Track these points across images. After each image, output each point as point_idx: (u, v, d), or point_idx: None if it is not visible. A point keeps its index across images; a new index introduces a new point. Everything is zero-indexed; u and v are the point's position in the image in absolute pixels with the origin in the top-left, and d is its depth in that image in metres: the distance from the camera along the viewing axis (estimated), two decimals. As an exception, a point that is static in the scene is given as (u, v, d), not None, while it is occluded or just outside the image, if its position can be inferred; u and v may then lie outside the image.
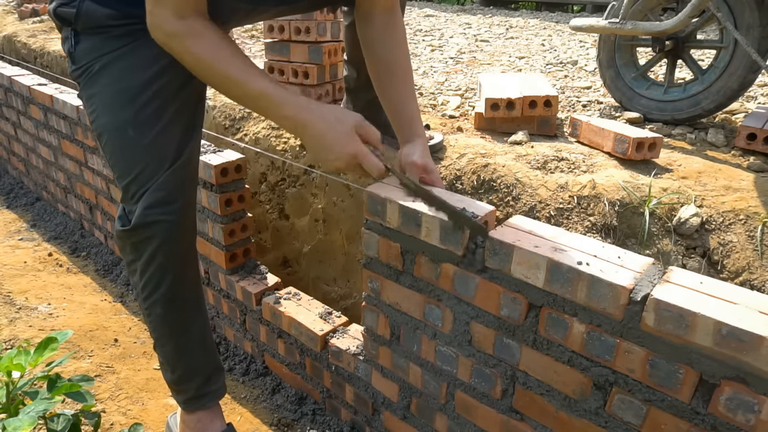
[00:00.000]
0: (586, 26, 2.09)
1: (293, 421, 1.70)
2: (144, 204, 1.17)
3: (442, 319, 1.23)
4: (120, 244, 1.26)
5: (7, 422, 1.14)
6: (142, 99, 1.14)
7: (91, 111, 1.17)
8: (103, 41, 1.11)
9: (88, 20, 1.09)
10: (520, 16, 6.14)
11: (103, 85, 1.14)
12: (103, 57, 1.12)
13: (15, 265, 2.47)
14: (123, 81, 1.13)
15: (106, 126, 1.17)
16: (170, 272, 1.26)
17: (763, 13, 1.72)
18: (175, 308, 1.31)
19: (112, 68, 1.13)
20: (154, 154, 1.17)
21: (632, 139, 1.59)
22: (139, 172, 1.17)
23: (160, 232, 1.20)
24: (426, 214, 1.16)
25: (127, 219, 1.21)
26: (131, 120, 1.15)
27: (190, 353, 1.39)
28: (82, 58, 1.13)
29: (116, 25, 1.09)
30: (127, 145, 1.16)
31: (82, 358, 1.89)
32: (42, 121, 2.64)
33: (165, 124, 1.17)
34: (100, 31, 1.10)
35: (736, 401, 0.83)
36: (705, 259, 1.39)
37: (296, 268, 2.29)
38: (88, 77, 1.14)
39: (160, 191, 1.17)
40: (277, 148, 2.11)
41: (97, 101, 1.15)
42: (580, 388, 1.03)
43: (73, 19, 1.09)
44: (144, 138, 1.16)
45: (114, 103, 1.14)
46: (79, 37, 1.12)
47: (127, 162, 1.18)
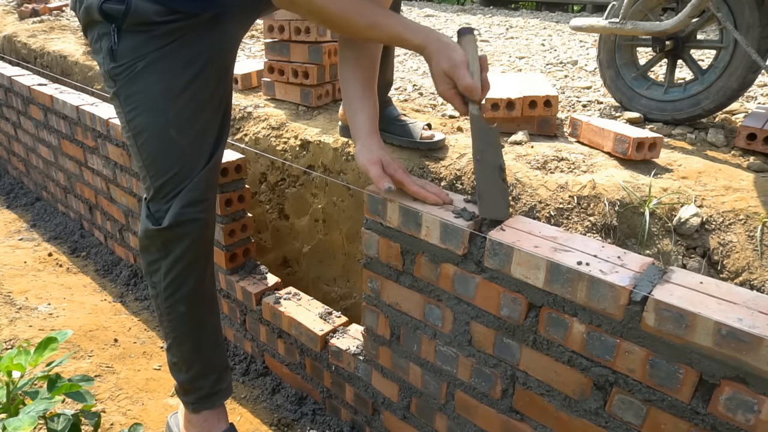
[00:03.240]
0: (586, 26, 2.09)
1: (293, 421, 1.70)
2: (180, 203, 1.19)
3: (442, 319, 1.24)
4: (146, 243, 1.26)
5: (8, 422, 1.14)
6: (183, 99, 1.16)
7: (130, 110, 1.16)
8: (147, 39, 1.11)
9: (136, 17, 1.08)
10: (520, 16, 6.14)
11: (146, 84, 1.13)
12: (147, 56, 1.11)
13: (15, 265, 2.47)
14: (165, 81, 1.14)
15: (147, 125, 1.16)
16: (196, 269, 1.29)
17: (763, 13, 1.72)
18: (197, 305, 1.34)
19: (156, 67, 1.12)
20: (192, 154, 1.20)
21: (632, 139, 1.59)
22: (176, 172, 1.19)
23: (193, 231, 1.23)
24: (426, 213, 1.15)
25: (155, 218, 1.22)
26: (173, 120, 1.16)
27: (207, 350, 1.41)
28: (125, 55, 1.11)
29: (161, 22, 1.09)
30: (168, 145, 1.17)
31: (82, 358, 1.89)
32: (42, 121, 2.64)
33: (203, 124, 1.21)
34: (144, 28, 1.09)
35: (736, 401, 0.83)
36: (705, 259, 1.38)
37: (296, 268, 2.29)
38: (129, 76, 1.13)
39: (195, 190, 1.20)
40: (277, 148, 2.11)
41: (138, 100, 1.15)
42: (580, 388, 1.03)
43: (121, 15, 1.07)
44: (184, 138, 1.18)
45: (156, 103, 1.14)
46: (122, 34, 1.10)
47: (165, 162, 1.18)
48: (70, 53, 3.38)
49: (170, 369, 1.44)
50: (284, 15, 2.12)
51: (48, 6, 4.43)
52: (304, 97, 2.21)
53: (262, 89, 2.44)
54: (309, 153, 2.03)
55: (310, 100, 2.19)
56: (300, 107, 2.25)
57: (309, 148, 2.03)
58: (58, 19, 4.26)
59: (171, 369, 1.43)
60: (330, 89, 2.24)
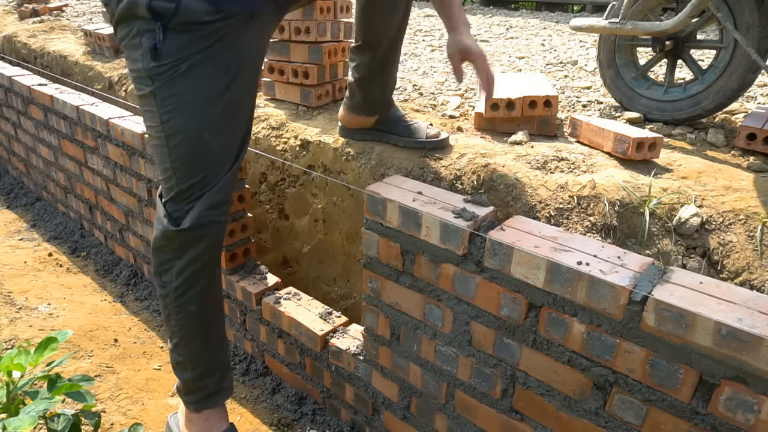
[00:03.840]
0: (586, 26, 2.09)
1: (293, 421, 1.70)
2: (203, 206, 1.20)
3: (442, 319, 1.24)
4: (162, 243, 1.26)
5: (8, 422, 1.14)
6: (220, 103, 1.16)
7: (167, 111, 1.15)
8: (192, 40, 1.10)
9: (185, 16, 1.06)
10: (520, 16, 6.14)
11: (187, 86, 1.12)
12: (190, 57, 1.10)
13: (15, 265, 2.47)
14: (205, 84, 1.14)
15: (183, 128, 1.16)
16: (209, 270, 1.30)
17: (762, 13, 1.72)
18: (206, 304, 1.35)
19: (198, 70, 1.12)
20: (221, 158, 1.21)
21: (632, 139, 1.59)
22: (204, 175, 1.19)
23: (212, 233, 1.24)
24: (426, 213, 1.16)
25: (173, 218, 1.22)
26: (208, 124, 1.16)
27: (213, 348, 1.42)
28: (169, 55, 1.10)
29: (208, 22, 1.08)
30: (200, 148, 1.18)
31: (82, 358, 1.89)
32: (42, 121, 2.64)
33: (233, 128, 1.23)
34: (190, 28, 1.08)
35: (736, 401, 0.83)
36: (705, 259, 1.38)
37: (296, 268, 2.29)
38: (171, 76, 1.12)
39: (219, 193, 1.22)
40: (277, 148, 2.11)
41: (177, 102, 1.14)
42: (580, 388, 1.03)
43: (170, 14, 1.06)
44: (216, 142, 1.19)
45: (195, 106, 1.14)
46: (168, 33, 1.08)
47: (195, 165, 1.19)
48: (70, 53, 3.38)
49: (174, 368, 1.44)
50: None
51: (48, 6, 4.43)
52: (304, 97, 2.21)
53: (262, 89, 2.44)
54: (309, 153, 2.03)
55: (310, 100, 2.19)
56: (300, 107, 2.25)
57: (309, 148, 2.03)
58: (58, 19, 4.26)
59: (175, 368, 1.43)
60: (330, 89, 2.24)
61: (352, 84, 1.76)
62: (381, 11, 1.56)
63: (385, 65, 1.69)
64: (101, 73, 3.07)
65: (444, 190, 1.28)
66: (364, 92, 1.74)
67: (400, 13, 1.58)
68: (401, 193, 1.24)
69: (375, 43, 1.63)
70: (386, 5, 1.55)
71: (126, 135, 2.05)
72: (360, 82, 1.73)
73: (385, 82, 1.74)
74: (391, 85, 1.77)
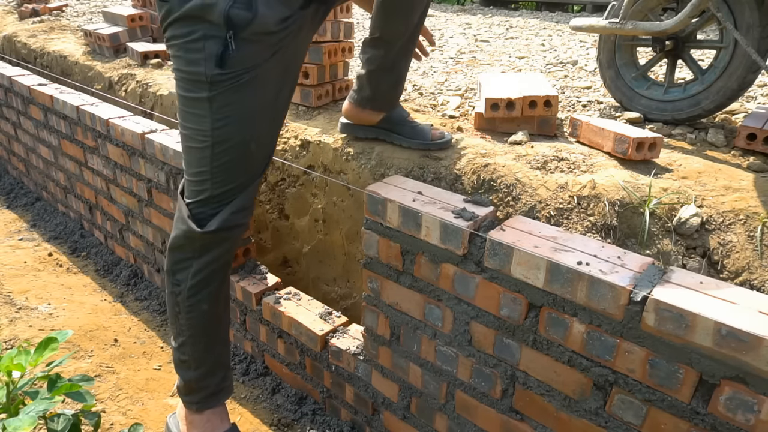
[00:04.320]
0: (586, 26, 2.09)
1: (293, 421, 1.70)
2: (231, 209, 1.22)
3: (442, 319, 1.24)
4: (182, 243, 1.27)
5: (8, 422, 1.14)
6: (268, 116, 1.20)
7: (220, 118, 1.15)
8: (258, 50, 1.10)
9: (261, 26, 1.07)
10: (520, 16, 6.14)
11: (246, 97, 1.14)
12: (254, 68, 1.12)
13: (15, 265, 2.47)
14: (261, 96, 1.16)
15: (233, 137, 1.17)
16: (224, 270, 1.33)
17: (763, 13, 1.72)
18: (217, 303, 1.37)
19: (259, 81, 1.14)
20: (258, 166, 1.26)
21: (632, 139, 1.59)
22: (240, 183, 1.22)
23: (235, 235, 1.28)
24: (426, 214, 1.16)
25: (196, 220, 1.24)
26: (256, 135, 1.20)
27: (218, 347, 1.43)
28: (236, 64, 1.09)
29: (275, 32, 1.09)
30: (245, 157, 1.20)
31: (82, 358, 1.89)
32: (42, 121, 2.64)
33: (273, 138, 1.28)
34: (260, 38, 1.09)
35: (736, 401, 0.83)
36: (705, 259, 1.38)
37: (296, 268, 2.29)
38: (232, 85, 1.11)
39: (247, 198, 1.25)
40: (277, 148, 2.11)
41: (233, 111, 1.14)
42: (580, 388, 1.03)
43: (246, 23, 1.05)
44: (259, 152, 1.23)
45: (249, 117, 1.16)
46: (239, 42, 1.07)
47: (235, 172, 1.21)
48: (70, 53, 3.38)
49: (177, 367, 1.43)
50: (284, 15, 2.12)
51: (48, 6, 4.43)
52: (304, 97, 2.21)
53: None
54: (309, 153, 2.03)
55: (310, 100, 2.19)
56: (300, 107, 2.25)
57: (309, 148, 2.03)
58: (58, 19, 4.26)
59: (178, 367, 1.43)
60: (330, 89, 2.24)
61: (362, 77, 1.71)
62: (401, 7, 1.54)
63: (398, 63, 1.67)
64: (101, 73, 3.07)
65: (444, 190, 1.28)
66: (373, 87, 1.70)
67: (419, 12, 1.57)
68: (401, 193, 1.24)
69: (392, 38, 1.60)
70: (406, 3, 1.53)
71: (126, 135, 2.05)
72: (370, 76, 1.68)
73: (397, 79, 1.72)
74: (401, 84, 1.75)
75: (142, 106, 2.70)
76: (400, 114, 1.79)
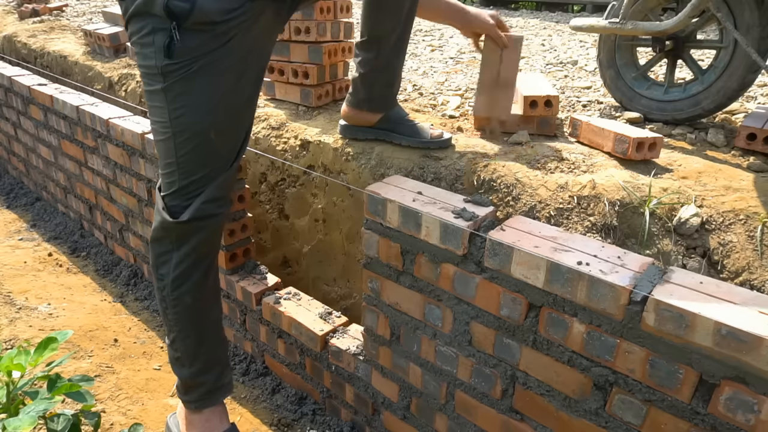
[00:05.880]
0: (586, 26, 2.09)
1: (293, 421, 1.70)
2: (203, 199, 1.23)
3: (442, 319, 1.24)
4: (161, 235, 1.29)
5: (7, 422, 1.14)
6: (228, 102, 1.20)
7: (176, 108, 1.17)
8: (205, 40, 1.12)
9: (201, 16, 1.08)
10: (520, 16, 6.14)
11: (198, 85, 1.15)
12: (204, 56, 1.13)
13: (15, 265, 2.47)
14: (216, 84, 1.16)
15: (191, 126, 1.18)
16: (204, 262, 1.33)
17: (763, 13, 1.72)
18: (202, 297, 1.36)
19: (210, 69, 1.14)
20: (223, 156, 1.25)
21: (632, 139, 1.59)
22: (207, 173, 1.23)
23: (211, 224, 1.28)
24: (426, 214, 1.16)
25: (171, 212, 1.25)
26: (216, 123, 1.19)
27: (210, 343, 1.43)
28: (183, 54, 1.12)
29: (219, 22, 1.10)
30: (206, 146, 1.21)
31: (82, 358, 1.89)
32: (42, 121, 2.64)
33: (238, 128, 1.26)
34: (205, 28, 1.10)
35: (736, 401, 0.83)
36: (705, 259, 1.38)
37: (296, 268, 2.29)
38: (182, 75, 1.13)
39: (218, 189, 1.25)
40: (277, 148, 2.11)
41: (187, 100, 1.16)
42: (580, 388, 1.03)
43: (186, 13, 1.07)
44: (221, 141, 1.22)
45: (204, 105, 1.17)
46: (183, 32, 1.10)
47: (198, 162, 1.22)
48: (70, 53, 3.38)
49: (173, 365, 1.44)
50: (284, 15, 2.11)
51: (48, 6, 4.43)
52: (304, 97, 2.21)
53: (262, 89, 2.43)
54: (309, 153, 2.03)
55: (310, 100, 2.19)
56: (300, 107, 2.24)
57: (309, 148, 2.03)
58: (58, 19, 4.26)
59: (174, 365, 1.43)
60: (330, 89, 2.24)
61: (356, 79, 1.74)
62: (387, 7, 1.57)
63: (390, 62, 1.69)
64: (101, 73, 3.07)
65: (444, 190, 1.28)
66: (367, 88, 1.73)
67: (405, 10, 1.58)
68: (401, 193, 1.24)
69: (381, 38, 1.62)
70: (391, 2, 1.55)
71: (126, 135, 2.05)
72: (364, 78, 1.72)
73: (391, 79, 1.73)
74: (396, 82, 1.76)
75: (142, 106, 2.70)
76: (399, 114, 1.79)
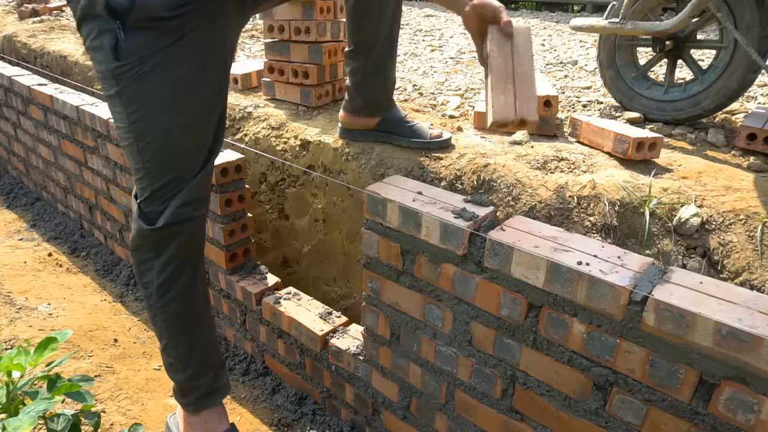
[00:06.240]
0: (586, 26, 2.09)
1: (293, 421, 1.70)
2: (176, 203, 1.19)
3: (442, 319, 1.23)
4: (139, 243, 1.25)
5: (7, 422, 1.14)
6: (187, 102, 1.14)
7: (133, 111, 1.12)
8: (153, 38, 1.06)
9: (143, 11, 1.03)
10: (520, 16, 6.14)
11: (152, 86, 1.10)
12: (153, 56, 1.07)
13: (15, 265, 2.47)
14: (171, 83, 1.11)
15: (151, 128, 1.14)
16: (188, 267, 1.30)
17: (763, 13, 1.72)
18: (190, 302, 1.34)
19: (162, 69, 1.09)
20: (192, 157, 1.20)
21: (632, 139, 1.59)
22: (176, 175, 1.18)
23: (187, 229, 1.23)
24: (426, 214, 1.15)
25: (148, 218, 1.21)
26: (177, 123, 1.14)
27: (202, 347, 1.41)
28: (130, 54, 1.07)
29: (168, 17, 1.05)
30: (170, 148, 1.16)
31: (82, 358, 1.89)
32: (42, 121, 2.64)
33: (204, 126, 1.20)
34: (151, 25, 1.05)
35: (736, 401, 0.83)
36: (705, 259, 1.38)
37: (296, 268, 2.29)
38: (134, 76, 1.09)
39: (193, 191, 1.21)
40: (277, 148, 2.11)
41: (143, 102, 1.11)
42: (580, 388, 1.03)
43: (126, 10, 1.03)
44: (186, 141, 1.17)
45: (161, 106, 1.12)
46: (127, 31, 1.05)
47: (166, 165, 1.18)
48: (70, 53, 3.38)
49: (167, 370, 1.44)
50: (284, 15, 2.12)
51: (48, 6, 4.42)
52: (304, 97, 2.21)
53: (262, 89, 2.43)
54: (309, 153, 2.03)
55: (310, 100, 2.19)
56: (300, 107, 2.24)
57: (309, 148, 2.03)
58: (58, 19, 4.26)
59: (168, 370, 1.43)
60: (330, 89, 2.24)
61: (350, 88, 1.76)
62: (369, 15, 1.57)
63: (380, 67, 1.69)
64: (101, 73, 3.07)
65: (444, 190, 1.28)
66: (361, 95, 1.75)
67: (389, 15, 1.58)
68: (401, 193, 1.24)
69: (367, 46, 1.64)
70: (373, 8, 1.56)
71: (126, 135, 2.05)
72: (357, 86, 1.74)
73: (383, 83, 1.74)
74: (389, 85, 1.77)
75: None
76: (397, 115, 1.80)
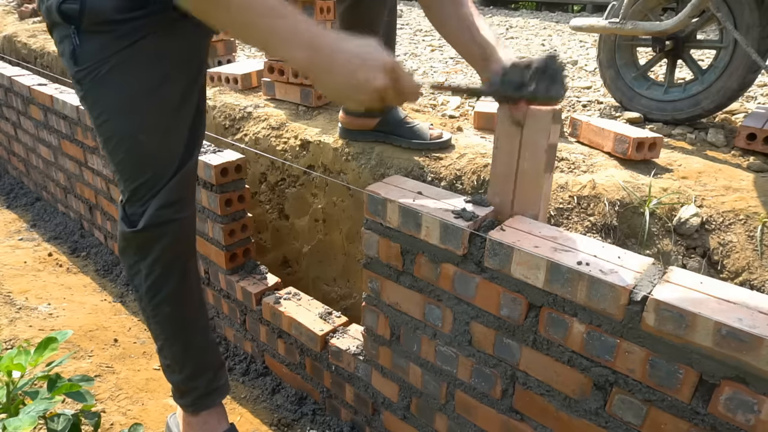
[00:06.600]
0: (586, 26, 2.09)
1: (293, 421, 1.70)
2: (156, 205, 1.17)
3: (442, 319, 1.23)
4: (123, 245, 1.25)
5: (8, 422, 1.14)
6: (151, 103, 1.13)
7: (98, 115, 1.13)
8: (109, 41, 1.06)
9: (94, 15, 1.03)
10: (520, 16, 6.14)
11: (111, 88, 1.10)
12: (110, 58, 1.07)
13: (15, 265, 2.47)
14: (131, 85, 1.10)
15: (116, 131, 1.13)
16: (176, 269, 1.28)
17: (763, 13, 1.72)
18: (181, 304, 1.32)
19: (120, 71, 1.08)
20: (164, 157, 1.18)
21: (632, 139, 1.59)
22: (149, 177, 1.17)
23: (170, 231, 1.22)
24: (426, 214, 1.15)
25: (130, 221, 1.20)
26: (141, 125, 1.13)
27: (198, 348, 1.40)
28: (87, 59, 1.07)
29: (122, 20, 1.04)
30: (138, 149, 1.15)
31: (82, 358, 1.89)
32: (42, 121, 2.64)
33: (174, 127, 1.18)
34: (105, 28, 1.05)
35: (736, 401, 0.83)
36: (705, 259, 1.38)
37: (296, 268, 2.29)
38: (94, 80, 1.09)
39: (171, 192, 1.19)
40: (277, 148, 2.11)
41: (105, 105, 1.11)
42: (580, 388, 1.03)
43: (78, 14, 1.02)
44: (155, 142, 1.16)
45: (123, 108, 1.11)
46: (82, 35, 1.05)
47: (137, 167, 1.16)
48: (70, 53, 3.38)
49: (164, 371, 1.43)
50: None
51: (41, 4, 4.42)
52: (304, 97, 2.21)
53: (262, 89, 2.44)
54: (309, 153, 2.03)
55: (310, 100, 2.19)
56: (300, 107, 2.25)
57: (309, 148, 2.03)
58: (58, 19, 4.26)
59: (165, 371, 1.43)
60: (330, 89, 2.24)
61: None
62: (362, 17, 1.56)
63: None
64: (101, 73, 3.07)
65: (444, 190, 1.28)
66: None
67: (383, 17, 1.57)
68: (401, 193, 1.24)
69: None
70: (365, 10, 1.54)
71: (126, 135, 2.05)
72: None
73: None
74: None
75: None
76: (397, 115, 1.80)
